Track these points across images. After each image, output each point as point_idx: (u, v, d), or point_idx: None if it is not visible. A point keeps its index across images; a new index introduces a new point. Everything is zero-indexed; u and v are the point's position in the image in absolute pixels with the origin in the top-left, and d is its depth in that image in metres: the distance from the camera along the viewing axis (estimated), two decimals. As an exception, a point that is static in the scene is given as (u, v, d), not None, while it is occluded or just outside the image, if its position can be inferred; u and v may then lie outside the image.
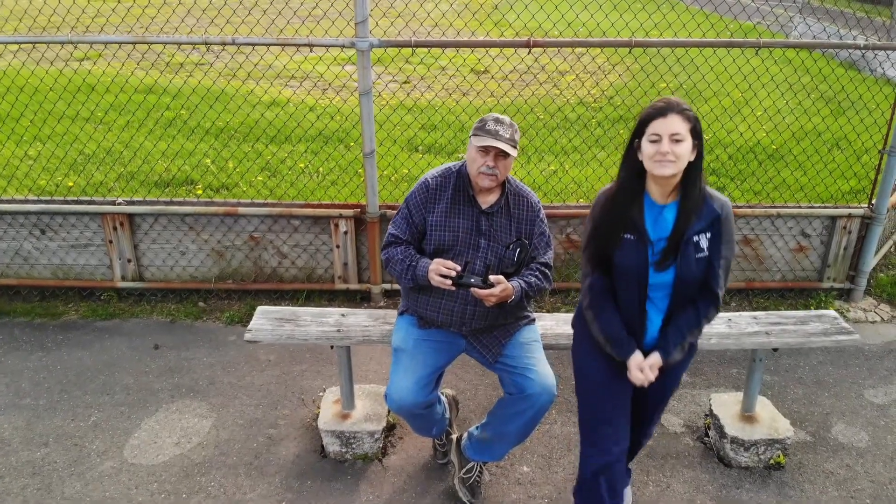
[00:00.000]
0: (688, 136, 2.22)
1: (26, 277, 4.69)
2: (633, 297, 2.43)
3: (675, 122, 2.21)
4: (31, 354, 4.16)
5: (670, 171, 2.22)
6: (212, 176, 6.03)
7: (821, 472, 3.36)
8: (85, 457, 3.37)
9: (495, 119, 2.73)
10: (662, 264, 2.35)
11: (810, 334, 3.23)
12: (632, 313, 2.46)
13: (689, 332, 2.45)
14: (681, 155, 2.21)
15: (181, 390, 3.86)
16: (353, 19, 3.98)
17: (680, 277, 2.36)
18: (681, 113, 2.22)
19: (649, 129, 2.24)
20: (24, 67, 7.32)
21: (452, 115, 7.31)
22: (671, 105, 2.24)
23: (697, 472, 3.35)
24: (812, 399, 3.90)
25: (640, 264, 2.36)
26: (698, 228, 2.32)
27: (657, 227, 2.36)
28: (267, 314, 3.31)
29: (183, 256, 4.63)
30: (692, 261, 2.34)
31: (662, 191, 2.34)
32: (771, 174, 6.21)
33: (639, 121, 2.29)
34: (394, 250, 2.84)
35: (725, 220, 2.36)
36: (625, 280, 2.41)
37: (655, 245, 2.36)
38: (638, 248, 2.35)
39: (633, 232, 2.35)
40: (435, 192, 2.81)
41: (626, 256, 2.37)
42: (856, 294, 4.87)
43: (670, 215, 2.36)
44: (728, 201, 2.40)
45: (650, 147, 2.23)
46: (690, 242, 2.33)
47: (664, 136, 2.20)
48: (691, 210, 2.31)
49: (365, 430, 3.29)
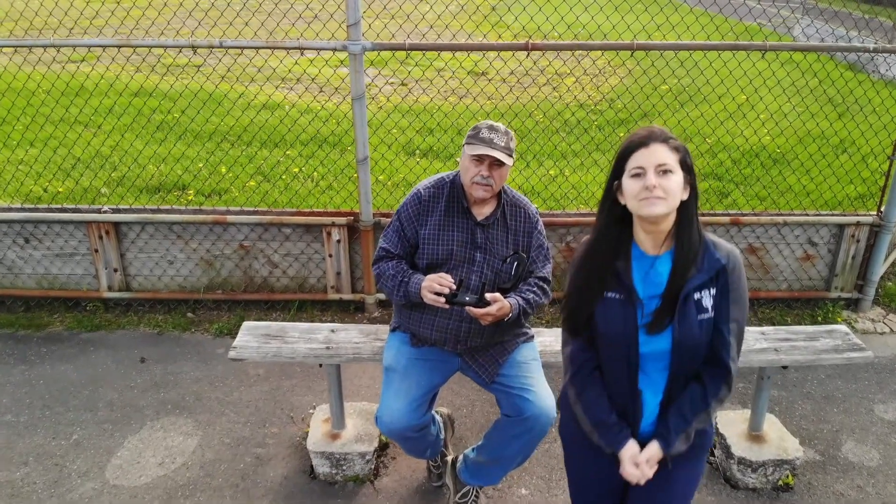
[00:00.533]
0: (677, 169, 1.84)
1: (10, 287, 4.56)
2: (621, 370, 1.98)
3: (661, 152, 1.83)
4: (13, 368, 4.03)
5: (660, 209, 1.81)
6: (203, 180, 5.89)
7: (831, 494, 3.23)
8: (65, 477, 3.24)
9: (489, 126, 2.60)
10: (655, 327, 1.91)
11: (821, 351, 3.09)
12: (622, 391, 2.00)
13: (695, 416, 1.96)
14: (671, 190, 1.82)
15: (167, 406, 3.72)
16: (346, 21, 3.84)
17: (679, 344, 1.91)
18: (666, 142, 1.85)
19: (630, 164, 1.85)
20: (14, 67, 7.20)
21: (449, 120, 7.17)
22: (654, 134, 1.86)
23: (703, 493, 3.21)
24: (821, 415, 3.77)
25: (628, 329, 1.92)
26: (699, 283, 1.89)
27: (648, 282, 1.94)
28: (253, 330, 3.17)
29: (171, 266, 4.49)
30: (693, 323, 1.89)
31: (653, 239, 1.92)
32: (776, 179, 6.07)
33: (616, 157, 1.90)
34: (385, 265, 2.70)
35: (733, 273, 1.93)
36: (611, 349, 1.98)
37: (646, 304, 1.92)
38: (625, 308, 1.93)
39: (619, 289, 1.94)
40: (427, 204, 2.68)
41: (611, 320, 1.94)
42: (864, 304, 4.74)
43: (664, 268, 1.93)
44: (735, 251, 1.97)
45: (633, 184, 1.83)
46: (691, 300, 1.89)
47: (648, 169, 1.81)
48: (689, 260, 1.89)
49: (356, 451, 3.15)
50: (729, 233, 4.51)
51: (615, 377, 2.01)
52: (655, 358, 1.95)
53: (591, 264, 1.97)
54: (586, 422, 2.05)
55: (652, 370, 1.98)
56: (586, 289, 1.97)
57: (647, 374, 1.98)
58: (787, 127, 7.05)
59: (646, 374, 1.98)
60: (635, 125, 7.66)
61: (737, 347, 1.97)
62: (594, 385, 2.04)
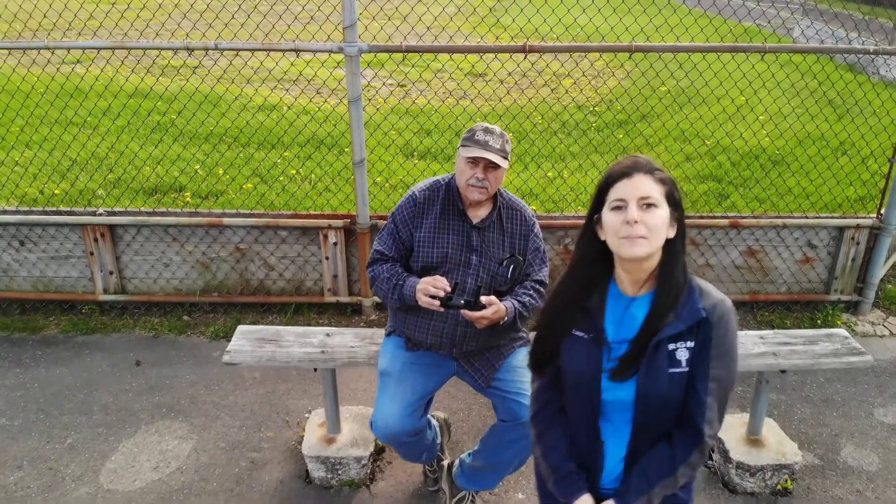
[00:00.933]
0: (663, 203, 1.68)
1: (5, 290, 4.53)
2: (583, 416, 1.82)
3: (645, 184, 1.67)
4: (7, 371, 4.00)
5: (641, 250, 1.65)
6: (199, 182, 5.87)
7: (830, 498, 3.21)
8: (59, 482, 3.22)
9: (485, 129, 2.57)
10: (620, 374, 1.74)
11: (820, 355, 3.07)
12: (584, 439, 1.85)
13: (660, 480, 1.76)
14: (654, 227, 1.65)
15: (162, 410, 3.70)
16: (342, 23, 3.82)
17: (643, 396, 1.73)
18: (651, 173, 1.69)
19: (611, 195, 1.69)
20: (9, 68, 7.17)
21: (446, 122, 7.15)
22: (638, 164, 1.70)
23: (701, 498, 3.18)
24: (820, 419, 3.74)
25: (592, 371, 1.77)
26: (674, 333, 1.70)
27: (622, 325, 1.78)
28: (247, 334, 3.15)
29: (167, 268, 4.47)
30: (662, 376, 1.71)
31: (632, 279, 1.76)
32: (776, 181, 6.05)
33: (597, 188, 1.74)
34: (379, 268, 2.68)
35: (718, 326, 1.72)
36: (574, 391, 1.83)
37: (614, 348, 1.76)
38: (591, 349, 1.77)
39: (588, 328, 1.79)
40: (423, 207, 2.66)
41: (575, 359, 1.80)
42: (864, 307, 4.71)
43: (640, 311, 1.76)
44: (726, 301, 1.75)
45: (613, 218, 1.67)
46: (663, 350, 1.71)
47: (630, 201, 1.65)
48: (669, 305, 1.71)
49: (351, 456, 3.13)
50: (728, 235, 4.49)
51: (578, 422, 1.86)
52: (620, 408, 1.79)
53: (563, 300, 1.82)
54: (544, 466, 1.91)
55: (618, 420, 1.81)
56: (554, 324, 1.84)
57: (613, 423, 1.82)
58: (786, 129, 7.04)
59: (611, 424, 1.82)
60: (633, 127, 7.65)
61: (717, 410, 1.76)
62: (556, 427, 1.90)
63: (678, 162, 6.63)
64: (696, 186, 6.04)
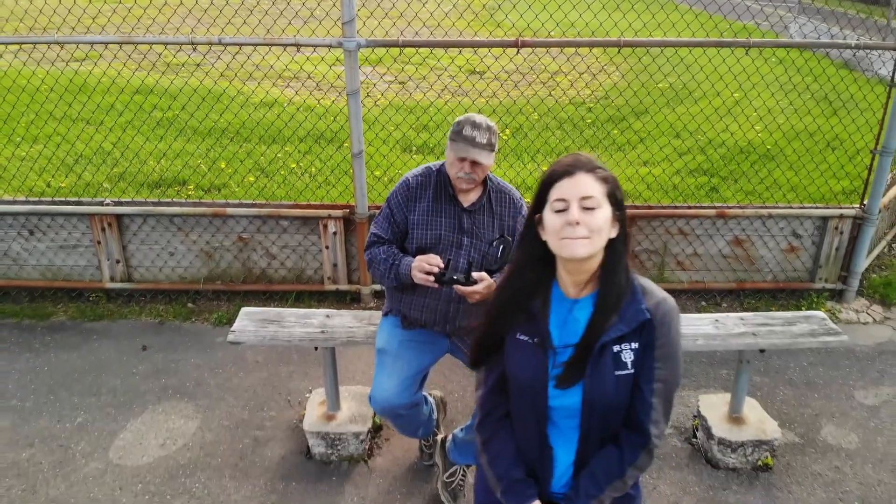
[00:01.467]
0: (605, 203, 1.65)
1: (15, 278, 4.68)
2: (530, 422, 1.79)
3: (586, 183, 1.64)
4: (18, 356, 4.14)
5: (583, 251, 1.62)
6: (201, 175, 6.01)
7: (809, 474, 3.35)
8: (70, 458, 3.36)
9: (472, 124, 2.67)
10: (565, 381, 1.71)
11: (797, 335, 3.21)
12: (531, 445, 1.81)
13: (609, 483, 1.75)
14: (597, 228, 1.62)
15: (168, 392, 3.84)
16: (341, 19, 3.97)
17: (589, 401, 1.71)
18: (592, 172, 1.66)
19: (552, 195, 1.66)
20: (17, 67, 7.31)
21: (441, 115, 7.29)
22: (579, 162, 1.67)
23: (685, 473, 3.33)
24: (802, 400, 3.88)
25: (538, 377, 1.73)
26: (618, 335, 1.69)
27: (566, 329, 1.75)
28: (251, 315, 3.29)
29: (171, 257, 4.61)
30: (608, 379, 1.69)
31: (574, 280, 1.72)
32: (762, 175, 6.19)
33: (538, 187, 1.71)
34: (376, 250, 2.83)
35: (661, 326, 1.70)
36: (520, 397, 1.80)
37: (559, 353, 1.73)
38: (536, 354, 1.74)
39: (532, 332, 1.75)
40: (416, 191, 2.80)
41: (521, 364, 1.75)
42: (848, 295, 4.86)
43: (582, 314, 1.74)
44: (669, 300, 1.74)
45: (555, 219, 1.64)
46: (608, 353, 1.69)
47: (572, 202, 1.62)
48: (611, 307, 1.69)
49: (350, 432, 3.27)
50: (715, 225, 4.63)
51: (524, 429, 1.81)
52: (567, 414, 1.75)
53: (505, 300, 1.78)
54: (491, 474, 1.84)
55: (565, 426, 1.78)
56: (495, 326, 1.79)
57: (560, 429, 1.79)
58: (779, 124, 7.17)
59: (558, 430, 1.79)
60: (627, 126, 7.79)
61: (663, 411, 1.75)
62: (502, 434, 1.85)
63: (670, 157, 6.77)
64: (685, 179, 6.18)
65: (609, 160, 6.52)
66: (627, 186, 5.94)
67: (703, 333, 3.21)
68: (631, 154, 6.78)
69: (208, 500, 3.11)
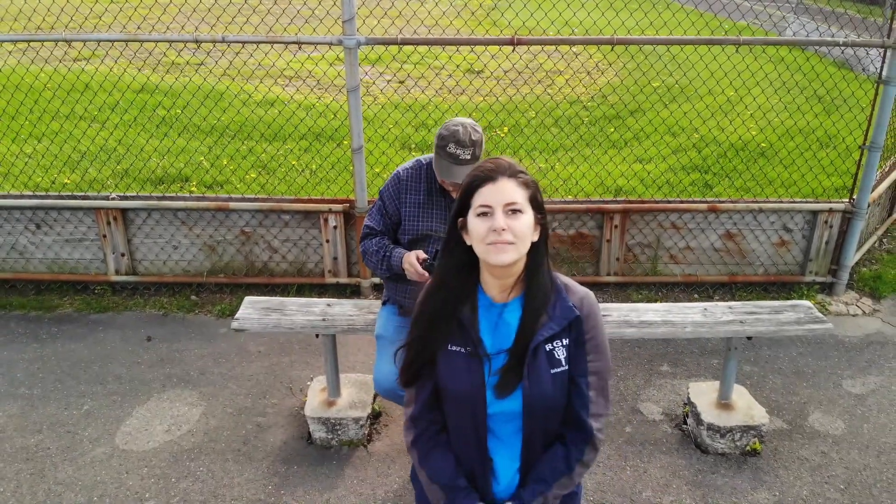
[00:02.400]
0: (527, 207, 1.66)
1: (22, 271, 4.78)
2: (468, 434, 1.77)
3: (509, 189, 1.64)
4: (26, 346, 4.24)
5: (510, 256, 1.63)
6: (204, 172, 6.12)
7: (796, 459, 3.44)
8: (77, 443, 3.46)
9: (456, 141, 2.67)
10: (504, 387, 1.70)
11: (783, 323, 3.31)
12: (470, 457, 1.79)
13: (556, 480, 1.76)
14: (520, 233, 1.63)
15: (172, 380, 3.94)
16: (341, 18, 4.07)
17: (530, 404, 1.71)
18: (515, 176, 1.66)
19: (476, 201, 1.65)
20: (20, 66, 7.42)
21: (439, 112, 7.40)
22: (501, 167, 1.67)
23: (674, 457, 3.43)
24: (790, 389, 3.98)
25: (475, 387, 1.71)
26: (550, 334, 1.71)
27: (497, 334, 1.74)
28: (254, 304, 3.40)
29: (175, 251, 4.72)
30: (545, 379, 1.70)
31: (500, 284, 1.73)
32: (756, 172, 6.29)
33: (460, 191, 1.70)
34: (369, 242, 2.95)
35: (588, 320, 1.75)
36: (456, 409, 1.77)
37: (493, 360, 1.72)
38: (470, 363, 1.72)
39: (463, 342, 1.73)
40: (406, 184, 2.92)
41: (455, 376, 1.73)
42: (838, 288, 4.95)
43: (512, 317, 1.74)
44: (590, 295, 1.79)
45: (479, 225, 1.64)
46: (541, 353, 1.71)
47: (496, 208, 1.63)
48: (540, 308, 1.71)
49: (350, 417, 3.37)
50: (707, 219, 4.73)
51: (463, 440, 1.79)
52: (506, 419, 1.75)
53: (433, 313, 1.75)
54: (434, 488, 1.82)
55: (504, 433, 1.77)
56: (427, 339, 1.76)
57: (500, 438, 1.78)
58: (773, 122, 7.27)
59: (497, 439, 1.79)
60: (622, 123, 7.88)
61: (602, 402, 1.79)
62: (439, 448, 1.83)
63: (664, 154, 6.87)
64: (678, 175, 6.28)
65: (604, 156, 6.62)
66: (622, 182, 6.05)
67: (692, 321, 3.31)
68: (626, 150, 6.88)
69: (212, 483, 3.21)
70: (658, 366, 4.14)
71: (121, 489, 3.17)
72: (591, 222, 4.72)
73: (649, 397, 3.86)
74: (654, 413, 3.75)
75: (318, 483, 3.22)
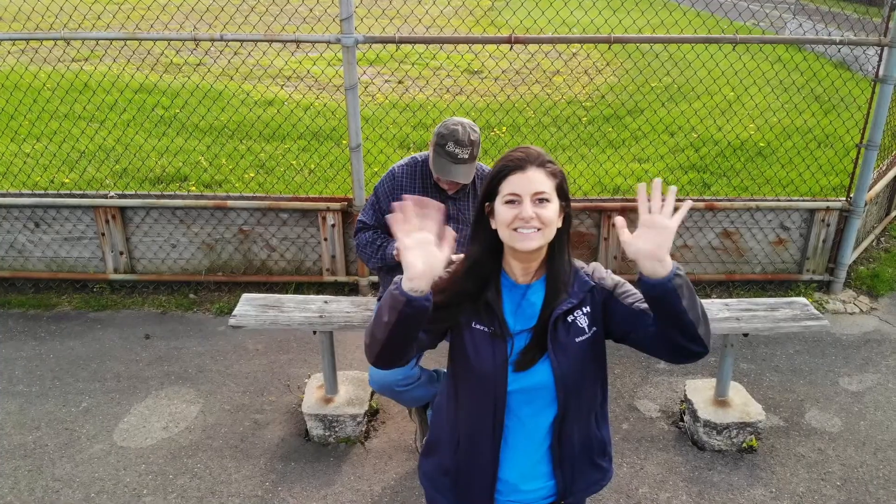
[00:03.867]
0: (554, 196, 1.70)
1: (20, 270, 4.79)
2: (484, 413, 1.78)
3: (538, 178, 1.68)
4: (24, 344, 4.25)
5: (536, 243, 1.68)
6: (202, 171, 6.13)
7: (792, 456, 3.45)
8: (75, 440, 3.46)
9: (455, 140, 2.72)
10: (524, 363, 1.74)
11: (780, 320, 3.32)
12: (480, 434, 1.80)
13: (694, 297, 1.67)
14: (547, 220, 1.68)
15: (170, 378, 3.95)
16: (339, 16, 4.08)
17: (561, 377, 1.74)
18: (543, 166, 1.70)
19: (504, 188, 1.69)
20: (21, 66, 7.44)
21: (437, 111, 7.41)
22: (530, 156, 1.70)
23: (671, 454, 3.44)
24: (787, 386, 3.99)
25: (497, 367, 1.74)
26: (569, 306, 1.75)
27: (520, 314, 1.78)
28: (252, 301, 3.41)
29: (174, 249, 4.72)
30: (571, 348, 1.74)
31: (524, 267, 1.77)
32: (755, 172, 6.30)
33: (489, 178, 1.74)
34: (362, 235, 2.98)
35: (602, 278, 1.81)
36: (476, 388, 1.78)
37: (516, 339, 1.76)
38: (494, 343, 1.74)
39: (488, 322, 1.76)
40: (401, 181, 2.94)
41: (480, 355, 1.75)
42: (835, 286, 4.96)
43: (536, 297, 1.78)
44: (597, 264, 1.86)
45: (507, 211, 1.68)
46: (562, 325, 1.74)
47: (525, 196, 1.67)
48: (562, 289, 1.76)
49: (347, 414, 3.38)
50: (704, 217, 4.74)
51: (477, 421, 1.80)
52: (528, 399, 1.77)
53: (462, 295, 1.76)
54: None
55: (525, 414, 1.79)
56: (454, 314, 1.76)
57: (520, 418, 1.79)
58: (771, 121, 7.28)
59: (517, 419, 1.79)
60: (620, 123, 7.90)
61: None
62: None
63: (662, 154, 6.88)
64: (677, 174, 6.29)
65: (602, 156, 6.64)
66: (619, 181, 6.06)
67: (689, 318, 3.31)
68: (623, 150, 6.89)
69: (209, 479, 3.22)
70: (655, 363, 4.15)
71: (118, 486, 3.18)
72: (588, 221, 4.73)
73: (646, 394, 3.87)
74: (650, 410, 3.75)
75: (315, 479, 3.22)
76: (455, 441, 1.85)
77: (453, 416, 1.85)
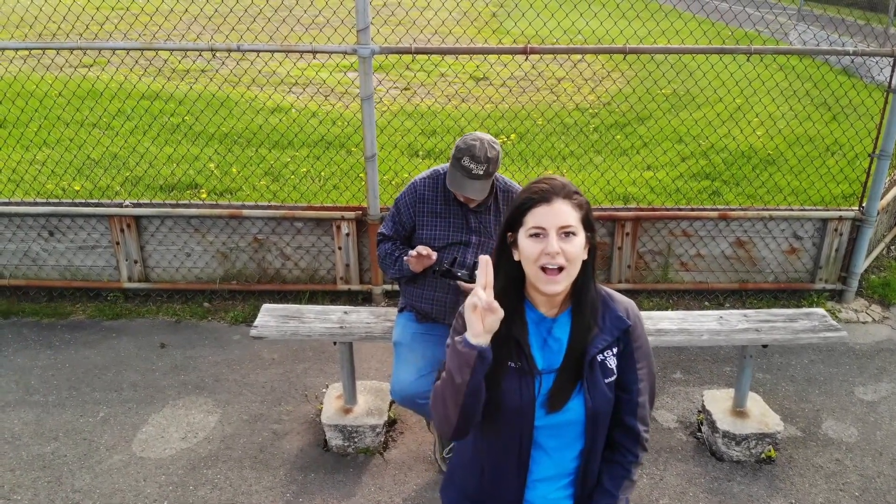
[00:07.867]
0: (580, 229, 1.64)
1: (34, 278, 4.79)
2: (510, 445, 1.75)
3: (564, 211, 1.62)
4: (39, 353, 4.25)
5: (562, 286, 1.63)
6: (216, 180, 6.14)
7: (810, 466, 3.45)
8: (94, 451, 3.47)
9: (472, 156, 2.73)
10: (556, 405, 1.70)
11: (798, 331, 3.33)
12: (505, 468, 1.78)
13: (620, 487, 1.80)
14: (574, 256, 1.61)
15: (187, 387, 3.95)
16: (355, 27, 4.10)
17: (593, 415, 1.71)
18: (569, 198, 1.63)
19: (528, 220, 1.63)
20: (33, 73, 7.45)
21: (451, 121, 7.43)
22: (555, 188, 1.64)
23: (690, 465, 3.44)
24: (803, 396, 3.99)
25: (524, 404, 1.70)
26: (603, 345, 1.71)
27: (547, 350, 1.73)
28: (272, 311, 3.41)
29: (188, 258, 4.73)
30: (602, 389, 1.71)
31: (550, 301, 1.71)
32: (766, 180, 6.31)
33: (512, 208, 1.68)
34: (382, 247, 3.03)
35: (636, 328, 1.77)
36: (503, 424, 1.74)
37: (544, 378, 1.71)
38: (522, 380, 1.69)
39: (515, 358, 1.70)
40: (423, 193, 2.96)
41: (508, 392, 1.69)
42: (847, 295, 4.97)
43: (562, 332, 1.73)
44: (632, 304, 1.81)
45: (532, 246, 1.62)
46: (596, 365, 1.71)
47: (550, 230, 1.60)
48: (590, 323, 1.70)
49: (367, 424, 3.38)
50: (717, 227, 4.75)
51: (502, 452, 1.77)
52: (555, 433, 1.75)
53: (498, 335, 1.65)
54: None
55: (551, 447, 1.77)
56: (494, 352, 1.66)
57: (545, 450, 1.77)
58: (781, 129, 7.29)
59: (543, 450, 1.77)
60: (632, 130, 7.91)
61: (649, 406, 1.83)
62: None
63: (674, 161, 6.90)
64: (688, 183, 6.30)
65: (614, 164, 6.65)
66: (632, 189, 6.07)
67: (708, 329, 3.32)
68: (636, 158, 6.90)
69: (230, 491, 3.22)
70: (671, 373, 4.16)
71: (139, 497, 3.18)
72: (602, 230, 4.73)
73: (663, 405, 3.88)
74: (668, 421, 3.76)
75: (336, 491, 3.23)
76: (479, 469, 1.84)
77: (478, 444, 1.84)
